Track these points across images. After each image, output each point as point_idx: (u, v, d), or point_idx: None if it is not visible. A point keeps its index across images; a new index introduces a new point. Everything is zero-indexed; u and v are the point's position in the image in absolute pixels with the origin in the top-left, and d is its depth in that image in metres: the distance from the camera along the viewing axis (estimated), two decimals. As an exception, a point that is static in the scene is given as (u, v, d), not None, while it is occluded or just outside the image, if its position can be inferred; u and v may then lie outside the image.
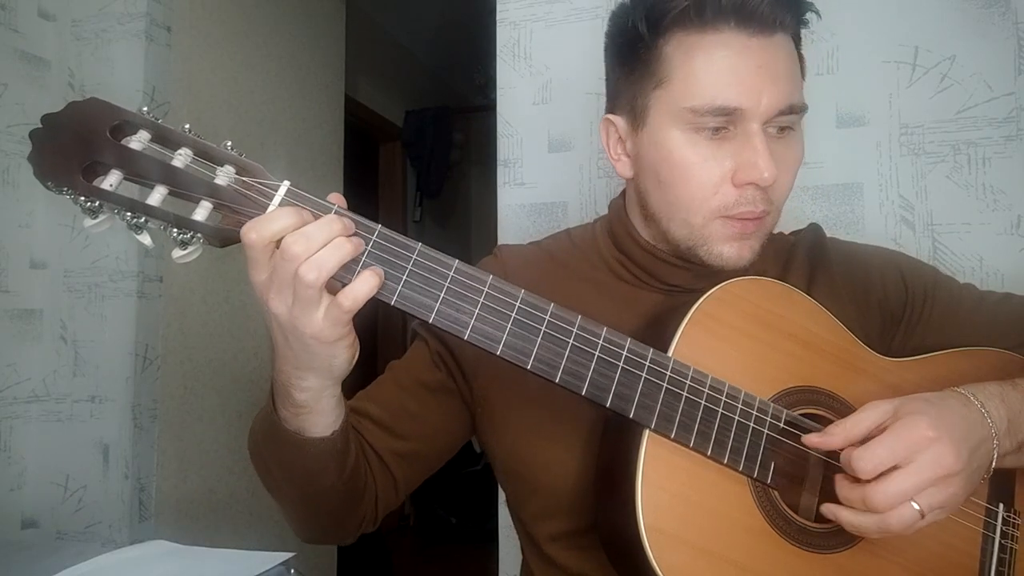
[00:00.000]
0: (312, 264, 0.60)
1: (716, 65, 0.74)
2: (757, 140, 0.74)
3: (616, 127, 0.83)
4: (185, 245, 0.63)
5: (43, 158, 0.60)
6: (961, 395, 0.73)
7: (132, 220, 0.61)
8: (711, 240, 0.78)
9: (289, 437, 0.72)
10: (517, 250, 0.93)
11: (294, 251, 0.60)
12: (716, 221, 0.77)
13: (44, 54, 1.84)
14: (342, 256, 0.61)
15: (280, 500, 0.81)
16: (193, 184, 0.62)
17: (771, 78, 0.74)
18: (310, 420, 0.71)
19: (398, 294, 0.64)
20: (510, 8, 1.57)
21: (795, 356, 0.78)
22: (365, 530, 0.85)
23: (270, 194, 0.64)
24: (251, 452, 0.80)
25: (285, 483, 0.78)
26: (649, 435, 0.70)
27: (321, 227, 0.61)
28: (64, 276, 1.84)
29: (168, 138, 0.64)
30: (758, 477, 0.73)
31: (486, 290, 0.66)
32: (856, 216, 1.35)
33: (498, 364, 0.68)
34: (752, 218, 0.77)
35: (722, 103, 0.73)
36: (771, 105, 0.74)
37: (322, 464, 0.74)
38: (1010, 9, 1.30)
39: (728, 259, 0.78)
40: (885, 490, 0.66)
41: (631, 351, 0.70)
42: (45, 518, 1.80)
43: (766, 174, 0.73)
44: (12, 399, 1.76)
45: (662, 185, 0.79)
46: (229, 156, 0.64)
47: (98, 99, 0.63)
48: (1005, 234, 1.28)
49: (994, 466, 0.72)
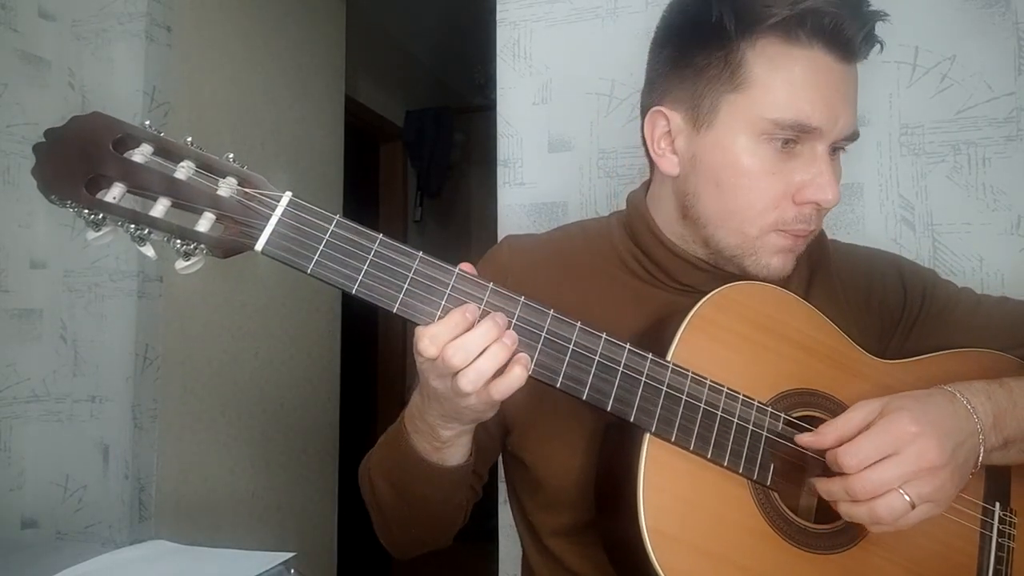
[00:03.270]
0: (469, 375, 0.64)
1: (802, 82, 0.73)
2: (824, 163, 0.75)
3: (669, 121, 0.80)
4: (188, 256, 0.63)
5: (47, 172, 0.61)
6: (947, 392, 0.74)
7: (135, 232, 0.62)
8: (762, 251, 0.78)
9: (430, 468, 0.76)
10: (525, 243, 0.92)
11: (453, 363, 0.64)
12: (771, 234, 0.77)
13: (44, 54, 1.84)
14: (498, 364, 0.65)
15: (406, 524, 0.85)
16: (196, 196, 0.63)
17: (847, 104, 0.75)
18: (450, 452, 0.76)
19: (400, 302, 0.65)
20: (510, 8, 1.57)
21: (792, 359, 0.78)
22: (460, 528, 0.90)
23: (272, 204, 0.64)
24: (382, 484, 0.82)
25: (421, 508, 0.81)
26: (650, 439, 0.70)
27: (478, 338, 0.64)
28: (64, 276, 1.84)
29: (171, 151, 0.64)
30: (758, 479, 0.73)
31: (486, 298, 0.67)
32: (856, 216, 1.35)
33: None
34: (804, 235, 0.78)
35: (805, 120, 0.73)
36: (844, 130, 0.75)
37: (456, 487, 0.80)
38: (1010, 9, 1.30)
39: (774, 270, 0.79)
40: (866, 477, 0.67)
41: (630, 356, 0.71)
42: (45, 518, 1.80)
43: (831, 196, 0.75)
44: (12, 399, 1.76)
45: (721, 191, 0.77)
46: (231, 168, 0.65)
47: (101, 113, 0.64)
48: (1005, 234, 1.28)
49: (981, 461, 0.73)
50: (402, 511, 0.82)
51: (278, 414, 2.34)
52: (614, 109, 1.48)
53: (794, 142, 0.74)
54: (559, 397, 0.70)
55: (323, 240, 0.64)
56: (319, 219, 0.65)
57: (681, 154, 0.80)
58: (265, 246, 0.63)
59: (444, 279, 0.67)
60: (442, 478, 0.77)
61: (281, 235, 0.64)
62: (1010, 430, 0.75)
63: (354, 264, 0.65)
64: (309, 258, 0.64)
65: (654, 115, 0.81)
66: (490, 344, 0.64)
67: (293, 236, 0.64)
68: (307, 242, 0.64)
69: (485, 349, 0.64)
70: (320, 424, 2.56)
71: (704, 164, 0.78)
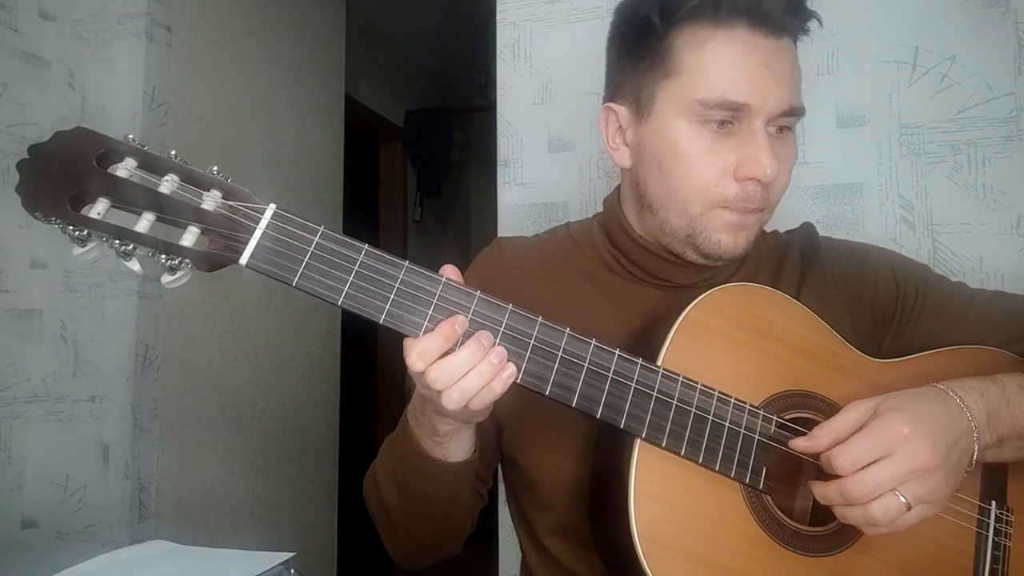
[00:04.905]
0: (452, 395, 0.65)
1: (727, 60, 0.76)
2: (760, 137, 0.76)
3: (617, 116, 0.84)
4: (174, 271, 0.63)
5: (30, 189, 0.61)
6: (940, 390, 0.74)
7: (120, 247, 0.62)
8: (709, 228, 0.79)
9: (434, 464, 0.76)
10: (515, 245, 0.94)
11: (436, 386, 0.65)
12: (715, 210, 0.78)
13: (44, 54, 1.84)
14: (483, 383, 0.65)
15: (413, 527, 0.84)
16: (180, 210, 0.63)
17: (777, 79, 0.76)
18: (451, 447, 0.76)
19: (386, 313, 0.65)
20: (510, 8, 1.57)
21: (784, 360, 0.78)
22: (469, 535, 0.90)
23: (256, 218, 0.64)
24: (388, 486, 0.82)
25: (427, 508, 0.81)
26: (640, 444, 0.70)
27: (463, 361, 0.65)
28: (64, 276, 1.84)
29: (154, 165, 0.64)
30: (750, 483, 0.73)
31: (473, 307, 0.67)
32: (856, 216, 1.35)
33: None
34: (750, 211, 0.78)
35: (732, 98, 0.75)
36: (776, 104, 0.76)
37: (460, 485, 0.80)
38: (1010, 9, 1.30)
39: (725, 247, 0.79)
40: (860, 479, 0.67)
41: (620, 362, 0.70)
42: (45, 518, 1.80)
43: (768, 170, 0.75)
44: (12, 399, 1.76)
45: (664, 174, 0.80)
46: (215, 180, 0.64)
47: (84, 128, 0.63)
48: (1005, 234, 1.28)
49: (975, 459, 0.73)
50: (407, 512, 0.82)
51: (278, 414, 2.34)
52: (614, 109, 1.48)
53: (729, 123, 0.76)
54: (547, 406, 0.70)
55: (308, 252, 0.64)
56: (303, 231, 0.64)
57: (631, 145, 0.84)
58: (250, 260, 0.63)
59: (431, 288, 0.66)
60: (445, 474, 0.77)
61: (266, 248, 0.63)
62: (1004, 427, 0.75)
63: (339, 276, 0.64)
64: (294, 271, 0.64)
65: (606, 111, 0.85)
66: (476, 365, 0.65)
67: (278, 249, 0.64)
68: (292, 255, 0.64)
69: (471, 370, 0.65)
70: (320, 424, 2.56)
71: (647, 151, 0.81)
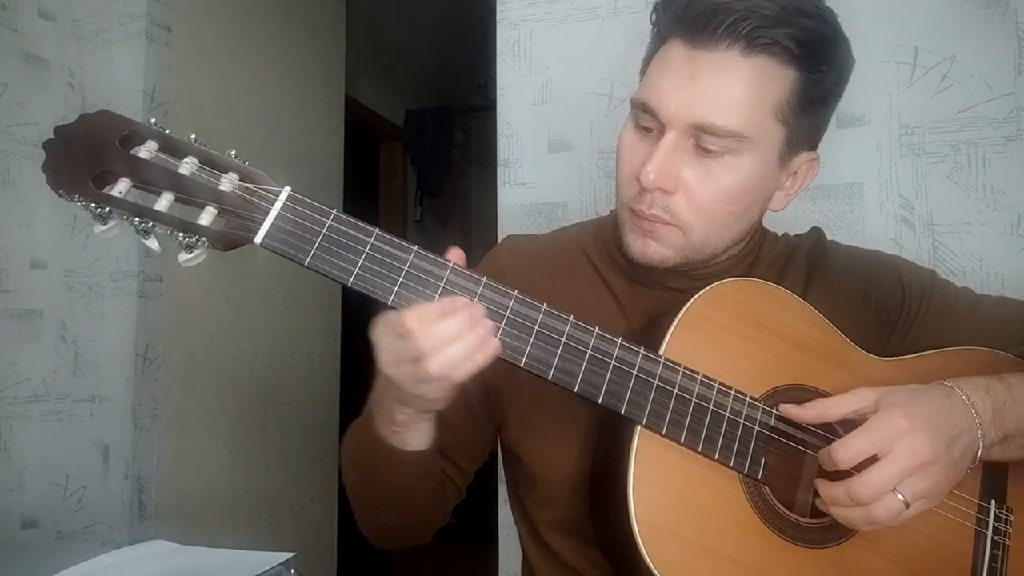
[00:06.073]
0: (438, 362, 0.63)
1: (657, 67, 0.78)
2: (663, 143, 0.75)
3: None
4: (191, 249, 0.66)
5: (56, 167, 0.64)
6: (946, 387, 0.75)
7: (140, 225, 0.64)
8: (624, 228, 0.81)
9: (391, 452, 0.77)
10: (524, 243, 0.95)
11: (422, 348, 0.63)
12: (626, 210, 0.80)
13: (44, 54, 1.84)
14: (468, 354, 0.64)
15: (375, 511, 0.86)
16: (198, 190, 0.65)
17: (695, 90, 0.74)
18: (408, 436, 0.76)
19: (395, 295, 0.66)
20: (510, 8, 1.57)
21: (784, 355, 0.79)
22: (440, 527, 0.91)
23: (272, 199, 0.66)
24: (350, 469, 0.84)
25: (384, 495, 0.82)
26: (640, 431, 0.71)
27: (451, 327, 0.63)
28: (64, 276, 1.84)
29: (175, 147, 0.66)
30: (748, 472, 0.74)
31: (480, 291, 0.68)
32: (856, 216, 1.35)
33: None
34: (647, 217, 0.77)
35: (643, 99, 0.77)
36: (678, 113, 0.74)
37: (419, 475, 0.80)
38: (1010, 9, 1.30)
39: (633, 250, 0.80)
40: (868, 481, 0.67)
41: (622, 349, 0.71)
42: (45, 518, 1.81)
43: (651, 176, 0.75)
44: (12, 399, 1.76)
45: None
46: (233, 163, 0.67)
47: (108, 111, 0.66)
48: (1005, 234, 1.28)
49: (980, 455, 0.73)
50: (366, 495, 0.84)
51: (278, 413, 2.34)
52: (614, 109, 1.48)
53: (649, 129, 0.77)
54: (553, 392, 0.71)
55: (320, 233, 0.66)
56: (317, 213, 0.66)
57: None
58: (264, 239, 0.65)
59: (439, 272, 0.68)
60: (402, 462, 0.77)
61: (280, 228, 0.65)
62: (1009, 425, 0.75)
63: (350, 257, 0.66)
64: (307, 251, 0.65)
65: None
66: (465, 335, 0.64)
67: (291, 230, 0.66)
68: (305, 235, 0.66)
69: (457, 338, 0.64)
70: (320, 423, 2.56)
71: None
